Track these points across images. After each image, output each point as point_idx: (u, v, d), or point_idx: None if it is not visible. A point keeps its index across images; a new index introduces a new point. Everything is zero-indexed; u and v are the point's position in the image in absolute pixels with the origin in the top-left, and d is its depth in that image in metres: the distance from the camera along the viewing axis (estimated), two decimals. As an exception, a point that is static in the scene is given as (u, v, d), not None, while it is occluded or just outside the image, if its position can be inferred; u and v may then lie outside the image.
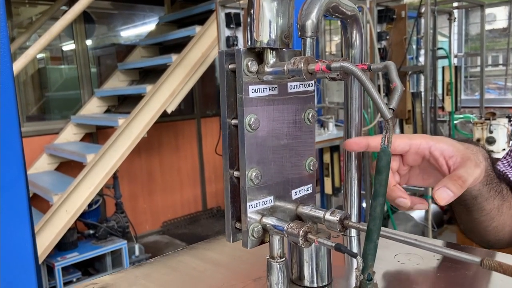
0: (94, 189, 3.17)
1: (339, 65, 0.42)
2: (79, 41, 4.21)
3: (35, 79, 4.13)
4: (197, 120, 4.98)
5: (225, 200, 0.51)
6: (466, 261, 0.39)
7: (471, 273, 0.54)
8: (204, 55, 3.37)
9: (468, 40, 4.99)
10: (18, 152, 1.42)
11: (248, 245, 0.49)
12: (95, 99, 4.08)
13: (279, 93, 0.51)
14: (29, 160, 3.65)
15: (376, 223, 0.41)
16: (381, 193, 0.41)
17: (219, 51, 0.49)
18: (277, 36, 0.48)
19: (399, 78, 0.43)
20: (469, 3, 4.32)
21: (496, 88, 5.07)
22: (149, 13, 4.77)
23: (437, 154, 0.58)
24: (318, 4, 0.50)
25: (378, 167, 0.40)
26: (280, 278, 0.50)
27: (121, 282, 0.59)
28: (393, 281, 0.56)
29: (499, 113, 3.55)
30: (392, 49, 3.69)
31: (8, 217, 1.40)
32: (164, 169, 4.73)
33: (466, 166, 0.56)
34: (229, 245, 0.68)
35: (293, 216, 0.53)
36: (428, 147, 0.58)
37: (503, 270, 0.38)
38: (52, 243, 3.02)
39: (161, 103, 3.31)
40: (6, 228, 1.38)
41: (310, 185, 0.55)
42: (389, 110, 0.40)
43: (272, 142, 0.51)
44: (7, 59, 1.41)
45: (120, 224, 3.77)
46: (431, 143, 0.58)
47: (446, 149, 0.58)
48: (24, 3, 4.07)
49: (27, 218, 1.45)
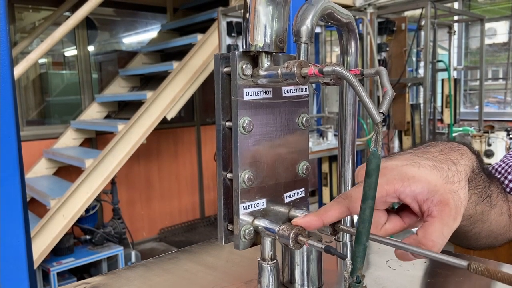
0: (91, 195, 3.16)
1: (332, 69, 0.43)
2: (81, 47, 4.23)
3: (36, 84, 4.15)
4: (197, 127, 4.99)
5: (218, 202, 0.51)
6: (454, 266, 0.40)
7: (461, 279, 0.55)
8: (205, 63, 3.39)
9: (468, 54, 5.02)
10: (15, 155, 1.42)
11: (240, 247, 0.50)
12: (95, 105, 4.09)
13: (273, 97, 0.52)
14: (28, 164, 3.65)
15: (366, 226, 0.42)
16: (371, 196, 0.41)
17: (215, 54, 0.50)
18: (272, 40, 0.49)
19: (390, 84, 0.44)
20: (469, 17, 4.36)
21: (496, 102, 5.08)
22: (151, 21, 4.80)
23: (409, 200, 0.48)
24: (313, 11, 0.51)
25: (367, 170, 0.41)
26: (270, 280, 0.51)
27: (113, 282, 0.59)
28: (384, 286, 0.56)
29: (497, 126, 3.56)
30: (392, 60, 3.71)
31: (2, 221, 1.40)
32: (163, 176, 4.72)
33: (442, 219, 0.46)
34: (222, 248, 0.68)
35: (285, 219, 0.53)
36: (396, 196, 0.48)
37: (490, 275, 0.38)
38: (48, 248, 3.00)
39: (161, 110, 3.33)
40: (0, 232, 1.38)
41: (303, 188, 0.56)
42: (379, 113, 0.40)
43: (266, 145, 0.51)
44: (7, 63, 1.42)
45: (117, 230, 3.76)
46: (400, 189, 0.47)
47: (419, 192, 0.47)
48: (28, 8, 4.10)
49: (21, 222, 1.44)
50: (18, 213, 1.44)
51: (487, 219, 0.60)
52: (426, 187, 0.47)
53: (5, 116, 1.41)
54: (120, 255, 3.59)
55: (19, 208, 1.44)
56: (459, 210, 0.48)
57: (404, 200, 0.48)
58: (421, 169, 0.49)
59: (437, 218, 0.46)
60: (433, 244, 0.45)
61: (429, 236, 0.46)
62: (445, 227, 0.46)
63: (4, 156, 1.40)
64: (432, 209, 0.47)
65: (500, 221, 0.63)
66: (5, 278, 1.40)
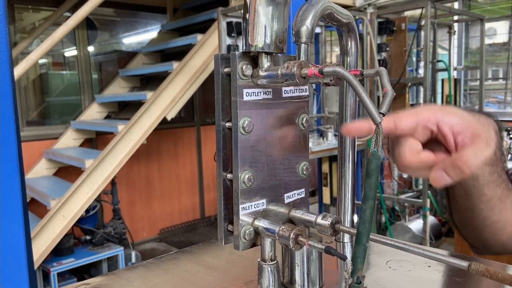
0: (92, 195, 3.16)
1: (332, 69, 0.43)
2: (81, 47, 4.23)
3: (36, 84, 4.15)
4: (197, 127, 4.99)
5: (218, 202, 0.51)
6: (454, 266, 0.40)
7: (461, 279, 0.55)
8: (205, 63, 3.39)
9: (468, 54, 5.02)
10: (15, 156, 1.42)
11: (240, 247, 0.50)
12: (95, 105, 4.09)
13: (273, 97, 0.52)
14: (28, 165, 3.65)
15: (366, 226, 0.42)
16: (371, 196, 0.41)
17: (215, 54, 0.50)
18: (272, 40, 0.49)
19: (390, 84, 0.44)
20: (469, 17, 4.35)
21: (496, 102, 5.08)
22: (151, 21, 4.80)
23: (446, 130, 0.52)
24: (313, 11, 0.51)
25: (368, 170, 0.41)
26: (271, 281, 0.51)
27: (113, 283, 0.59)
28: (384, 287, 0.56)
29: (498, 126, 3.55)
30: (392, 60, 3.71)
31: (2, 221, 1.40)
32: (163, 176, 4.72)
33: (475, 146, 0.50)
34: (223, 248, 0.68)
35: (286, 219, 0.53)
36: (435, 122, 0.52)
37: (490, 275, 0.38)
38: (48, 248, 3.00)
39: (161, 110, 3.32)
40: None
41: (303, 189, 0.56)
42: (379, 114, 0.40)
43: (266, 146, 0.51)
44: (7, 63, 1.42)
45: (117, 231, 3.76)
46: (440, 117, 0.52)
47: (455, 123, 0.52)
48: (28, 8, 4.10)
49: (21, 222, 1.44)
50: (18, 213, 1.44)
51: (504, 207, 0.62)
52: (462, 121, 0.52)
53: (5, 117, 1.40)
54: (120, 256, 3.59)
55: (19, 208, 1.44)
56: (490, 141, 0.52)
57: (442, 128, 0.52)
58: (458, 109, 0.54)
59: (470, 145, 0.51)
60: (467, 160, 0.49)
61: (462, 156, 0.49)
62: (478, 150, 0.50)
63: (4, 156, 1.40)
64: (465, 141, 0.51)
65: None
66: (5, 279, 1.40)
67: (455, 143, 0.52)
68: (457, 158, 0.49)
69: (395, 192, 4.30)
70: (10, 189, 1.41)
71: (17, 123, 1.48)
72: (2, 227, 1.39)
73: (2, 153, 1.39)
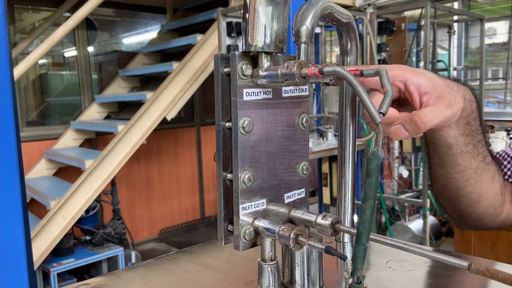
0: (91, 195, 3.16)
1: (331, 69, 0.43)
2: (81, 48, 4.23)
3: (36, 85, 4.15)
4: (197, 127, 4.99)
5: (218, 202, 0.51)
6: (454, 266, 0.40)
7: (461, 279, 0.55)
8: (205, 63, 3.39)
9: (468, 54, 5.02)
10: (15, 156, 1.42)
11: (240, 248, 0.50)
12: (95, 105, 4.09)
13: (273, 97, 0.52)
14: (28, 165, 3.65)
15: (366, 226, 0.42)
16: (371, 196, 0.41)
17: (215, 54, 0.50)
18: (272, 40, 0.49)
19: (390, 84, 0.43)
20: (469, 17, 4.35)
21: (496, 102, 5.08)
22: (151, 21, 4.80)
23: (412, 88, 0.53)
24: (313, 11, 0.51)
25: (368, 170, 0.41)
26: (271, 281, 0.51)
27: (113, 283, 0.59)
28: (385, 287, 0.56)
29: (497, 126, 3.56)
30: (392, 60, 3.71)
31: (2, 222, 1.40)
32: (163, 176, 4.72)
33: (436, 105, 0.52)
34: (223, 248, 0.68)
35: (286, 219, 0.53)
36: (403, 80, 0.54)
37: (491, 275, 0.38)
38: (48, 249, 3.00)
39: (161, 110, 3.32)
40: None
41: (303, 189, 0.56)
42: (379, 114, 0.40)
43: (266, 146, 0.51)
44: (7, 64, 1.42)
45: (117, 231, 3.76)
46: (408, 76, 0.54)
47: (422, 84, 0.53)
48: (27, 9, 4.10)
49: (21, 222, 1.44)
50: (18, 213, 1.44)
51: (479, 179, 0.63)
52: (429, 83, 0.53)
53: (5, 117, 1.40)
54: (120, 256, 3.59)
55: (19, 208, 1.44)
56: (453, 104, 0.53)
57: (409, 87, 0.54)
58: (429, 72, 0.55)
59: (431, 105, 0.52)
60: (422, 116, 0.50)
61: (420, 111, 0.51)
62: (437, 110, 0.51)
63: (4, 156, 1.40)
64: (429, 101, 0.52)
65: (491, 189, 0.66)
66: (5, 279, 1.40)
67: (420, 103, 0.53)
68: (415, 114, 0.51)
69: (395, 192, 4.30)
70: (10, 189, 1.41)
71: (17, 124, 1.48)
72: (2, 228, 1.39)
73: (2, 154, 1.39)
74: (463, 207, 0.68)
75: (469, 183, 0.64)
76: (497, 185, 0.67)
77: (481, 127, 0.61)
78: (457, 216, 0.71)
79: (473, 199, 0.66)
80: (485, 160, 0.63)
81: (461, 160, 0.61)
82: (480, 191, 0.65)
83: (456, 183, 0.64)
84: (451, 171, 0.63)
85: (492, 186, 0.66)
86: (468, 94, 0.58)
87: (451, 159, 0.61)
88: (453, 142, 0.59)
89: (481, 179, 0.64)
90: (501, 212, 0.69)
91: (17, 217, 1.43)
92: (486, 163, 0.64)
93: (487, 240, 2.64)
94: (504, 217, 0.70)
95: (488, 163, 0.64)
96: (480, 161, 0.62)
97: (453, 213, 0.71)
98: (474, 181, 0.63)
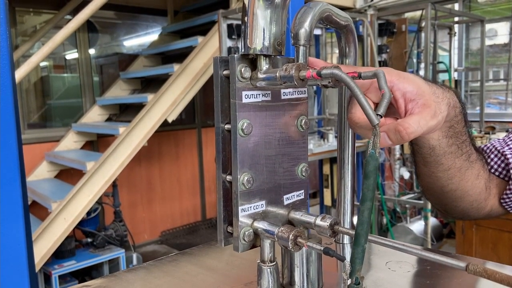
0: (93, 197, 3.17)
1: (329, 71, 0.43)
2: (82, 50, 4.24)
3: (37, 87, 4.16)
4: (198, 129, 4.99)
5: (218, 204, 0.52)
6: (453, 267, 0.40)
7: (460, 280, 0.55)
8: (206, 65, 3.40)
9: (469, 55, 5.02)
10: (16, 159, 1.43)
11: (239, 249, 0.50)
12: (96, 108, 4.10)
13: (272, 99, 0.52)
14: (29, 167, 3.65)
15: (364, 228, 0.42)
16: (369, 198, 0.41)
17: (214, 57, 0.50)
18: (270, 43, 0.49)
19: (387, 86, 0.44)
20: (469, 18, 4.36)
21: (497, 103, 5.07)
22: (152, 24, 4.81)
23: (398, 95, 0.52)
24: (312, 14, 0.51)
25: (365, 172, 0.41)
26: (270, 282, 0.51)
27: (113, 285, 0.59)
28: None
29: (498, 127, 3.56)
30: (393, 62, 3.72)
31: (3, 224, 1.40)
32: (164, 178, 4.73)
33: (421, 114, 0.51)
34: (223, 250, 0.68)
35: (285, 221, 0.54)
36: (390, 86, 0.52)
37: (488, 276, 0.39)
38: (50, 251, 3.01)
39: (162, 112, 3.33)
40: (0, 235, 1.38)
41: (302, 190, 0.56)
42: (377, 116, 0.41)
43: (265, 147, 0.51)
44: (8, 66, 1.42)
45: (118, 233, 3.76)
46: (395, 81, 0.52)
47: (409, 91, 0.52)
48: (29, 11, 4.12)
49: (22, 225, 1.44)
50: (19, 216, 1.44)
51: (464, 177, 0.64)
52: (416, 89, 0.52)
53: (6, 119, 1.41)
54: (122, 258, 3.59)
55: (20, 211, 1.44)
56: (438, 114, 0.53)
57: (394, 92, 0.52)
58: (416, 78, 0.54)
59: (417, 113, 0.51)
60: (407, 127, 0.49)
61: (405, 122, 0.50)
62: (422, 119, 0.50)
63: (5, 159, 1.40)
64: (415, 109, 0.52)
65: (476, 185, 0.66)
66: (6, 282, 1.40)
67: (405, 110, 0.53)
68: (399, 123, 0.50)
69: (396, 194, 4.29)
70: (11, 191, 1.41)
71: (18, 126, 1.49)
72: (3, 230, 1.39)
73: (3, 156, 1.39)
74: (448, 202, 0.69)
75: (453, 181, 0.64)
76: (482, 181, 0.68)
77: (465, 128, 0.61)
78: (443, 209, 0.72)
79: (457, 196, 0.66)
80: (470, 158, 0.63)
81: (445, 160, 0.61)
82: (465, 188, 0.65)
83: (440, 181, 0.64)
84: (435, 170, 0.63)
85: (476, 182, 0.66)
86: (453, 100, 0.58)
87: (434, 159, 0.61)
88: (436, 144, 0.59)
89: (465, 177, 0.64)
90: (485, 205, 0.70)
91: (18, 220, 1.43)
92: (471, 161, 0.64)
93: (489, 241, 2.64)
94: (489, 209, 0.71)
95: (473, 161, 0.64)
96: (464, 160, 0.63)
97: (438, 206, 0.73)
98: (458, 179, 0.64)
